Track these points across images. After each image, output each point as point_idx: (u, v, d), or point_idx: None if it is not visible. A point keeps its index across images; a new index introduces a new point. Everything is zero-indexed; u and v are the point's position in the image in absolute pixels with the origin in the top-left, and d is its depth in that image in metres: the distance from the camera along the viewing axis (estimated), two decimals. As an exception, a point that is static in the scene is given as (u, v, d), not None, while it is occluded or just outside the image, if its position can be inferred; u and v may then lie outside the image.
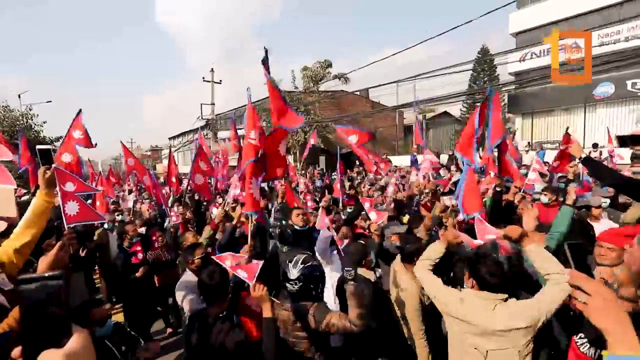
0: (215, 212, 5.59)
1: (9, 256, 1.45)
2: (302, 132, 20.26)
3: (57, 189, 1.99)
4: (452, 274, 2.59)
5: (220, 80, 19.50)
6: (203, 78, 19.24)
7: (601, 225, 3.21)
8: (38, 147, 1.77)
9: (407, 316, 2.51)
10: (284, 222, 3.88)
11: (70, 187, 2.10)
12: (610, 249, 2.12)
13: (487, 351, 1.86)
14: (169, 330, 4.66)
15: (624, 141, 2.26)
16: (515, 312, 1.81)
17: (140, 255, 3.91)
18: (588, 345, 1.68)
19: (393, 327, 2.44)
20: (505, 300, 1.88)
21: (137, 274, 3.79)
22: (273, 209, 3.44)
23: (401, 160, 16.43)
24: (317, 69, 21.06)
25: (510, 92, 17.76)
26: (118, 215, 6.91)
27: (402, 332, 2.52)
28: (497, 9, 6.38)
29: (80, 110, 5.51)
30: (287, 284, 2.09)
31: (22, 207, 1.96)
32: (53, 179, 1.72)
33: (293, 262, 2.12)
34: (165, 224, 5.57)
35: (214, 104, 19.61)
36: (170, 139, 43.16)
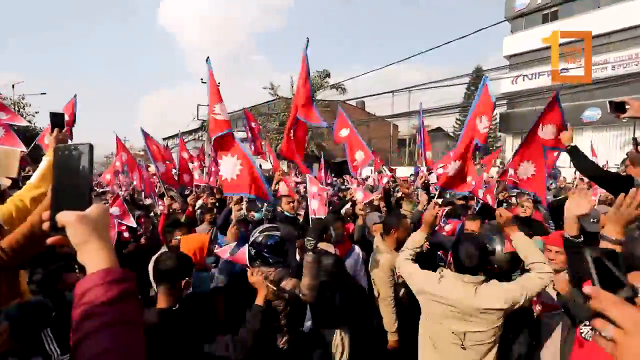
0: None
1: (24, 204, 1.55)
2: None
3: None
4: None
5: (219, 83, 19.58)
6: (202, 79, 19.34)
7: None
8: (51, 111, 1.83)
9: (377, 282, 2.60)
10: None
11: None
12: (559, 252, 2.05)
13: (464, 333, 1.88)
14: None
15: (612, 106, 2.19)
16: (497, 293, 1.85)
17: (126, 234, 3.89)
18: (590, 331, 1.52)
19: (356, 300, 2.50)
20: (483, 282, 1.89)
21: (126, 250, 3.77)
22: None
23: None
24: (315, 78, 21.40)
25: (502, 111, 18.26)
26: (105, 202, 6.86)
27: (374, 304, 2.61)
28: (488, 27, 6.64)
29: (75, 95, 5.48)
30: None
31: None
32: (65, 140, 1.84)
33: (256, 230, 2.30)
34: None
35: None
36: (164, 139, 42.99)
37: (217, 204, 5.34)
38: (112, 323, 0.53)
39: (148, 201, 6.64)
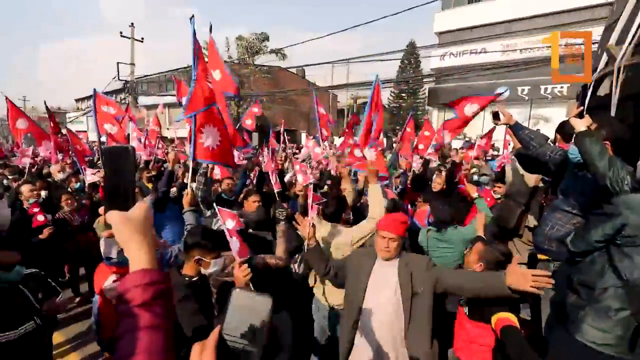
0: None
1: None
2: (235, 106, 19.55)
3: None
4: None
5: (142, 38, 17.43)
6: (121, 33, 16.94)
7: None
8: None
9: None
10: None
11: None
12: (393, 239, 1.98)
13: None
14: (78, 299, 4.40)
15: (493, 115, 2.74)
16: (345, 233, 2.59)
17: (40, 217, 3.55)
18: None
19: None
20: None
21: (42, 236, 3.48)
22: (199, 172, 3.45)
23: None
24: (253, 40, 20.26)
25: (430, 86, 19.68)
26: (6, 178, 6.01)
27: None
28: (420, 5, 7.06)
29: None
30: None
31: None
32: None
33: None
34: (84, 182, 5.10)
35: (134, 64, 17.52)
36: (77, 100, 37.33)
37: (153, 178, 5.11)
38: (144, 326, 0.59)
39: (60, 175, 5.91)
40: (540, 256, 2.28)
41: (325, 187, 4.79)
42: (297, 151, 10.13)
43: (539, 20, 17.54)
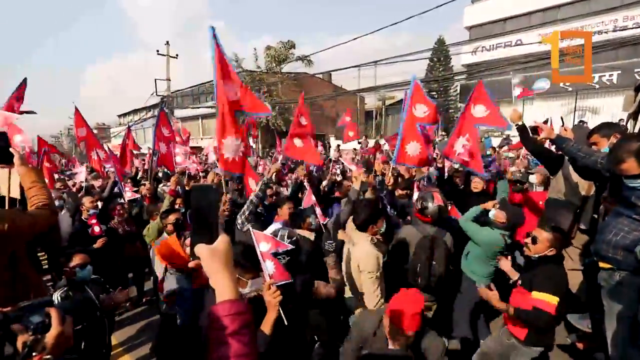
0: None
1: None
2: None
3: None
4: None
5: (177, 55, 18.41)
6: (157, 51, 18.00)
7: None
8: None
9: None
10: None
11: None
12: (410, 337, 1.71)
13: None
14: (128, 304, 4.67)
15: (532, 130, 2.67)
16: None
17: (97, 229, 3.85)
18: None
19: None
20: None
21: (96, 245, 3.75)
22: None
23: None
24: (280, 49, 20.69)
25: (462, 82, 18.95)
26: (63, 192, 6.56)
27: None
28: (450, 2, 6.84)
29: (25, 80, 5.02)
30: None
31: None
32: (25, 158, 1.83)
33: (279, 237, 2.08)
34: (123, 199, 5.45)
35: (169, 80, 18.53)
36: (119, 116, 40.09)
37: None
38: (234, 355, 0.64)
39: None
40: (602, 264, 2.09)
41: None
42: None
43: (579, 6, 16.37)
